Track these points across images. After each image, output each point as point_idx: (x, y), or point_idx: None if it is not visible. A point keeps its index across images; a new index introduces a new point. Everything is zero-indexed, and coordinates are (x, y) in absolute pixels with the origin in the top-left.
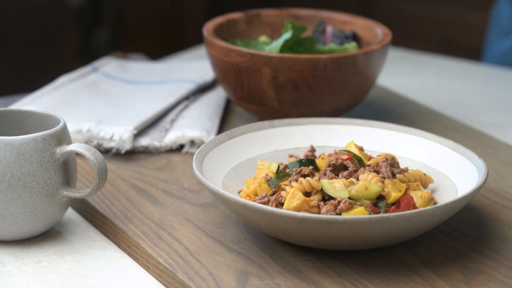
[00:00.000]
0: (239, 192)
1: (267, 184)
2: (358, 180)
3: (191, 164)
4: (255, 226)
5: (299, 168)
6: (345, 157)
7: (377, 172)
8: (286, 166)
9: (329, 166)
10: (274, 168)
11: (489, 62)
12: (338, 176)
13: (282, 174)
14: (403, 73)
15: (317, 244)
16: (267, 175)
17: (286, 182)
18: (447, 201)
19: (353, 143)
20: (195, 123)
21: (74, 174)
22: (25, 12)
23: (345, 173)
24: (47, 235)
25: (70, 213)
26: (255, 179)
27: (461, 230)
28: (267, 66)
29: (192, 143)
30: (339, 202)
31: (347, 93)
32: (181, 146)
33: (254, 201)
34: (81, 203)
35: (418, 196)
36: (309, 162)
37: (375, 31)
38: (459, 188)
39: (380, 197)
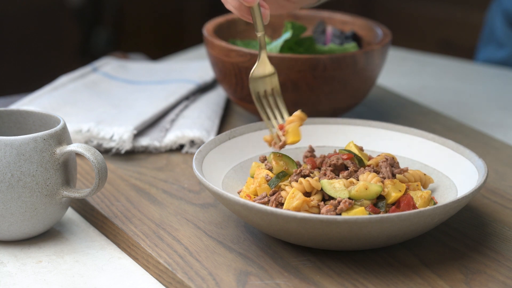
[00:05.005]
0: (239, 192)
1: (267, 184)
2: (358, 180)
3: (191, 164)
4: (255, 226)
5: (299, 168)
6: (345, 157)
7: (377, 172)
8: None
9: (329, 166)
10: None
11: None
12: (338, 176)
13: (282, 174)
14: (403, 73)
15: (317, 244)
16: (267, 175)
17: (286, 182)
18: (447, 201)
19: (353, 143)
20: (195, 123)
21: (74, 174)
22: (25, 12)
23: (345, 173)
24: (47, 235)
25: (70, 213)
26: (254, 179)
27: (461, 230)
28: None
29: (192, 143)
30: (339, 202)
31: (347, 93)
32: (181, 146)
33: (254, 201)
34: (81, 203)
35: (418, 196)
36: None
37: (375, 31)
38: (459, 188)
39: (380, 197)
